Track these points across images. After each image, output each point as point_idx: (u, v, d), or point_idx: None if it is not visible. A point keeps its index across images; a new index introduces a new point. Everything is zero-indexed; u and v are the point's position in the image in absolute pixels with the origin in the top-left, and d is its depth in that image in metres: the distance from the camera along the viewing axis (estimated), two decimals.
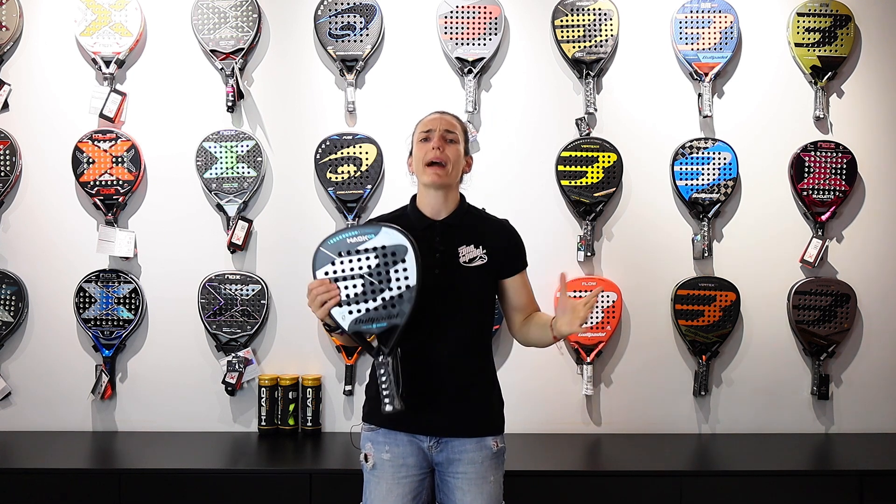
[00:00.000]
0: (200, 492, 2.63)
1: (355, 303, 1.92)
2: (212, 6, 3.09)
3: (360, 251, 1.91)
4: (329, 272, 1.92)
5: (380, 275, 1.91)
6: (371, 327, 1.92)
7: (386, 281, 1.91)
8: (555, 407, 3.12)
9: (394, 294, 1.91)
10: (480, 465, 2.05)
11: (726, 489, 2.67)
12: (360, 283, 1.91)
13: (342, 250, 1.92)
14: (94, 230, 3.10)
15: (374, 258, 1.91)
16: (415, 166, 2.15)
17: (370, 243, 1.91)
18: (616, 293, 3.10)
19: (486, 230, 2.15)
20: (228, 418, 3.12)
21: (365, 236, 1.92)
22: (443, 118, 2.16)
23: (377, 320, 1.92)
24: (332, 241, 1.93)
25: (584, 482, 2.67)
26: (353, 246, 1.92)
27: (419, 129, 2.17)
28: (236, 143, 3.08)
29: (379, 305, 1.91)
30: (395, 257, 1.91)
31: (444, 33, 3.11)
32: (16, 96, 3.11)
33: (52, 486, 2.63)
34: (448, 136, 2.12)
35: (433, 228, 2.09)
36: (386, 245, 1.91)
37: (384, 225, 1.93)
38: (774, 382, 3.15)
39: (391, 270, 1.90)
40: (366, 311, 1.92)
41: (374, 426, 2.11)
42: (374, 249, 1.91)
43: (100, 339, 3.06)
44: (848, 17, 3.14)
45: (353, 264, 1.91)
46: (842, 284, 3.13)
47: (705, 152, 3.11)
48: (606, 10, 3.12)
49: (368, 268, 1.91)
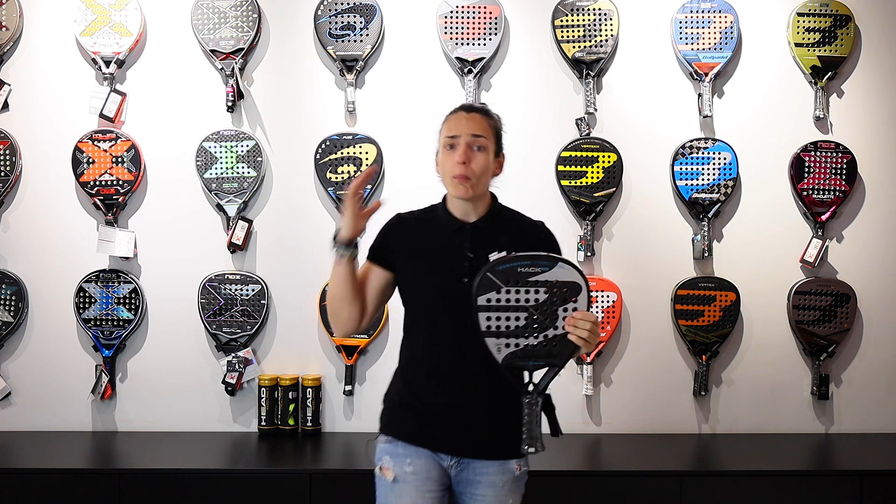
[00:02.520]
0: (200, 492, 2.63)
1: (515, 336, 1.80)
2: (212, 6, 3.09)
3: (529, 283, 1.79)
4: (492, 300, 1.80)
5: (547, 310, 1.79)
6: (527, 364, 1.82)
7: (553, 318, 1.79)
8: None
9: (559, 334, 1.80)
10: (501, 488, 1.97)
11: (726, 489, 2.67)
12: (524, 315, 1.80)
13: (511, 279, 1.79)
14: (94, 230, 3.10)
15: (543, 293, 1.79)
16: (441, 172, 2.02)
17: (542, 276, 1.79)
18: (616, 293, 3.10)
19: (520, 233, 2.03)
20: (228, 418, 3.12)
21: (538, 268, 1.79)
22: (470, 120, 1.98)
23: (535, 358, 1.81)
24: (500, 268, 1.80)
25: (584, 482, 2.67)
26: (523, 276, 1.79)
27: (445, 130, 2.01)
28: (236, 143, 3.08)
29: (540, 343, 1.80)
30: (566, 294, 1.79)
31: (444, 33, 3.11)
32: (16, 96, 3.11)
33: (52, 486, 2.63)
34: (475, 143, 1.96)
35: (463, 232, 1.98)
36: (559, 280, 1.79)
37: (561, 259, 1.80)
38: (774, 382, 3.15)
39: (559, 308, 1.79)
40: (525, 346, 1.81)
41: (392, 438, 2.00)
42: (545, 283, 1.79)
43: (100, 339, 3.06)
44: (848, 17, 3.14)
45: (521, 295, 1.79)
46: (842, 284, 3.12)
47: (705, 152, 3.11)
48: (606, 10, 3.12)
49: (536, 302, 1.79)
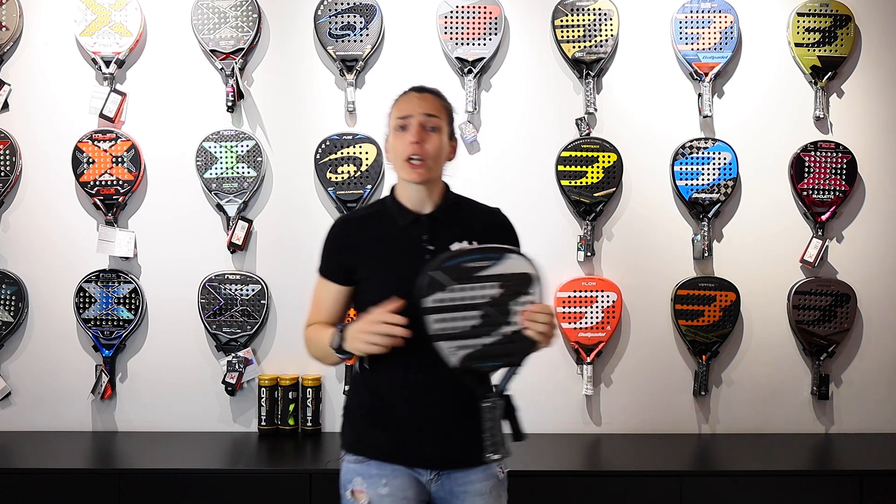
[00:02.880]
0: (200, 492, 2.63)
1: (469, 337, 1.67)
2: (212, 6, 3.09)
3: (479, 278, 1.67)
4: (441, 300, 1.67)
5: (501, 306, 1.67)
6: (484, 365, 1.70)
7: (507, 314, 1.67)
8: (555, 407, 3.12)
9: (514, 330, 1.68)
10: (489, 495, 1.85)
11: (726, 489, 2.67)
12: (477, 314, 1.67)
13: (459, 276, 1.67)
14: (94, 230, 3.09)
15: (496, 286, 1.67)
16: (392, 158, 1.89)
17: (492, 269, 1.67)
18: (616, 293, 3.10)
19: (477, 221, 1.92)
20: (228, 418, 3.12)
21: (487, 262, 1.67)
22: (422, 100, 1.87)
23: (493, 358, 1.69)
24: (447, 265, 1.68)
25: (584, 482, 2.67)
26: (471, 272, 1.67)
27: (395, 111, 1.88)
28: (236, 143, 3.08)
29: (496, 342, 1.68)
30: (520, 288, 1.67)
31: (444, 33, 3.11)
32: (16, 96, 3.11)
33: (52, 486, 2.63)
34: (429, 124, 1.85)
35: (419, 224, 1.86)
36: (511, 273, 1.68)
37: (509, 250, 1.70)
38: (774, 382, 3.15)
39: (513, 302, 1.67)
40: (481, 346, 1.68)
41: (362, 458, 1.85)
42: (496, 277, 1.67)
43: (100, 339, 3.06)
44: (848, 17, 3.14)
45: (471, 292, 1.67)
46: (842, 284, 3.13)
47: (705, 152, 3.11)
48: (606, 10, 3.12)
49: (489, 297, 1.67)
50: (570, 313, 3.08)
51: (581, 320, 3.08)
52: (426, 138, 1.84)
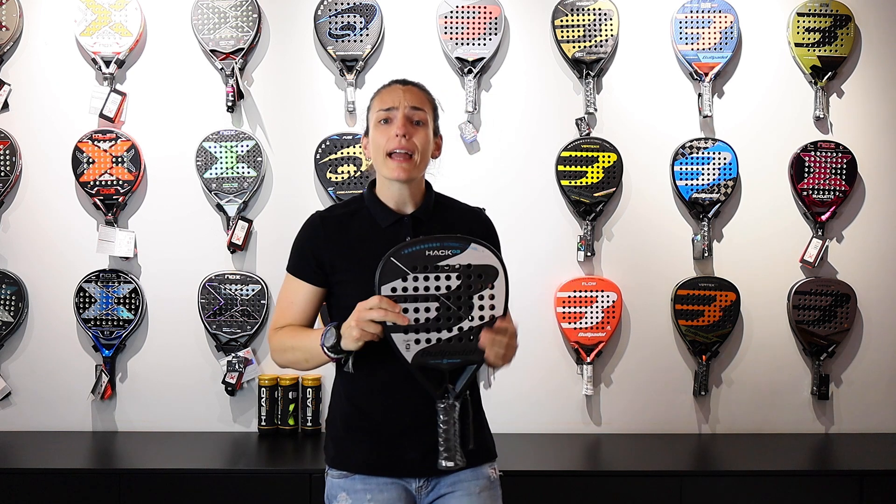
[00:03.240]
0: (200, 492, 2.63)
1: (425, 330, 1.58)
2: (212, 6, 3.09)
3: (439, 268, 1.57)
4: (398, 289, 1.57)
5: (460, 299, 1.58)
6: (441, 362, 1.59)
7: (466, 308, 1.58)
8: (555, 407, 3.12)
9: (474, 325, 1.58)
10: (478, 496, 1.75)
11: (726, 489, 2.67)
12: (434, 306, 1.57)
13: (418, 264, 1.57)
14: (94, 230, 3.09)
15: (455, 279, 1.58)
16: (372, 152, 1.78)
17: (453, 260, 1.58)
18: (616, 293, 3.10)
19: (460, 222, 1.83)
20: (228, 418, 3.12)
21: (448, 250, 1.58)
22: (407, 92, 1.77)
23: (449, 355, 1.59)
24: (406, 252, 1.58)
25: (584, 482, 2.67)
26: (431, 260, 1.58)
27: (376, 104, 1.78)
28: (236, 143, 3.08)
29: (454, 337, 1.58)
30: (482, 280, 1.58)
31: (444, 33, 3.11)
32: (16, 96, 3.11)
33: (52, 486, 2.63)
34: (415, 117, 1.74)
35: (401, 225, 1.76)
36: (473, 264, 1.58)
37: (473, 240, 1.60)
38: (774, 382, 3.15)
39: (475, 296, 1.58)
40: (437, 341, 1.58)
41: (345, 472, 1.76)
42: (457, 268, 1.58)
43: (100, 339, 3.06)
44: (848, 17, 3.14)
45: (430, 283, 1.57)
46: (842, 284, 3.13)
47: (705, 152, 3.11)
48: (606, 10, 3.12)
49: (448, 289, 1.57)
50: (570, 313, 3.08)
51: (581, 320, 3.07)
52: (413, 132, 1.73)
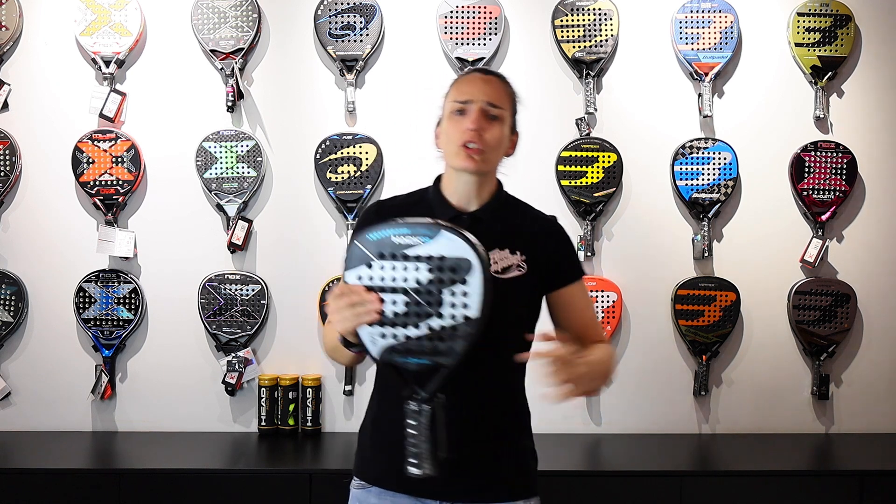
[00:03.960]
0: (200, 492, 2.63)
1: (392, 325, 1.41)
2: (212, 6, 3.09)
3: (408, 257, 1.40)
4: (363, 277, 1.42)
5: (430, 294, 1.39)
6: (407, 361, 1.43)
7: (437, 304, 1.39)
8: (555, 407, 3.10)
9: (445, 324, 1.40)
10: None
11: (726, 489, 2.67)
12: (402, 299, 1.40)
13: (385, 251, 1.41)
14: (94, 230, 3.09)
15: (425, 270, 1.39)
16: (443, 142, 1.65)
17: (423, 249, 1.39)
18: (616, 293, 3.10)
19: (528, 229, 1.69)
20: (228, 418, 3.12)
21: (417, 238, 1.40)
22: (486, 83, 1.64)
23: (418, 354, 1.42)
24: (372, 236, 1.42)
25: (584, 482, 2.67)
26: (399, 248, 1.40)
27: (453, 93, 1.66)
28: (236, 143, 3.08)
29: (423, 335, 1.41)
30: (455, 275, 1.38)
31: (444, 33, 3.11)
32: (16, 96, 3.11)
33: (52, 486, 2.63)
34: (491, 112, 1.62)
35: (459, 223, 1.53)
36: (444, 256, 1.39)
37: (445, 227, 1.40)
38: (774, 382, 3.15)
39: (446, 291, 1.39)
40: (405, 338, 1.42)
41: (365, 483, 1.66)
42: (427, 259, 1.39)
43: (100, 339, 3.06)
44: (848, 17, 3.14)
45: (397, 273, 1.40)
46: (842, 284, 3.12)
47: (705, 152, 3.11)
48: (606, 10, 3.12)
49: (417, 282, 1.39)
50: None
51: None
52: (486, 126, 1.61)
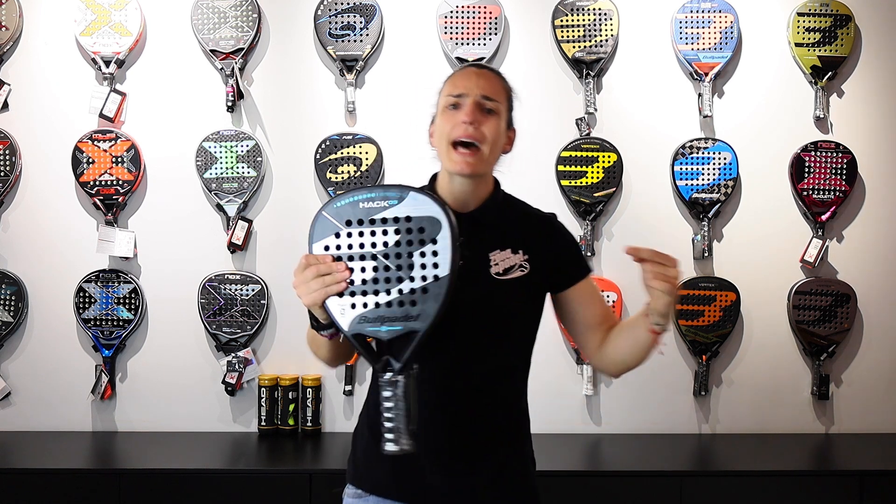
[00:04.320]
0: (200, 492, 2.63)
1: (362, 294, 1.39)
2: (212, 6, 3.09)
3: (375, 221, 1.38)
4: (331, 247, 1.40)
5: (399, 257, 1.38)
6: (379, 329, 1.40)
7: (407, 267, 1.38)
8: (555, 407, 3.12)
9: (416, 287, 1.38)
10: None
11: (726, 489, 2.67)
12: (370, 265, 1.38)
13: (352, 218, 1.39)
14: (94, 230, 3.09)
15: (393, 233, 1.38)
16: (437, 141, 1.59)
17: (391, 212, 1.38)
18: (616, 293, 3.10)
19: (528, 229, 1.65)
20: (228, 418, 3.12)
21: (384, 201, 1.38)
22: (481, 77, 1.58)
23: (389, 321, 1.39)
24: (338, 205, 1.40)
25: (584, 482, 2.67)
26: (367, 213, 1.39)
27: (447, 88, 1.60)
28: (236, 143, 3.08)
29: (394, 300, 1.38)
30: (423, 235, 1.38)
31: (444, 33, 3.11)
32: (16, 96, 3.11)
33: (52, 486, 2.63)
34: (486, 106, 1.55)
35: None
36: (412, 216, 1.38)
37: (412, 189, 1.40)
38: (774, 382, 3.15)
39: (416, 253, 1.37)
40: (375, 305, 1.39)
41: (361, 491, 1.61)
42: (394, 221, 1.38)
43: (100, 339, 3.06)
44: (848, 17, 3.14)
45: (365, 239, 1.39)
46: (842, 284, 3.12)
47: (705, 152, 3.11)
48: (606, 10, 3.12)
49: (385, 245, 1.38)
50: None
51: None
52: (482, 120, 1.54)
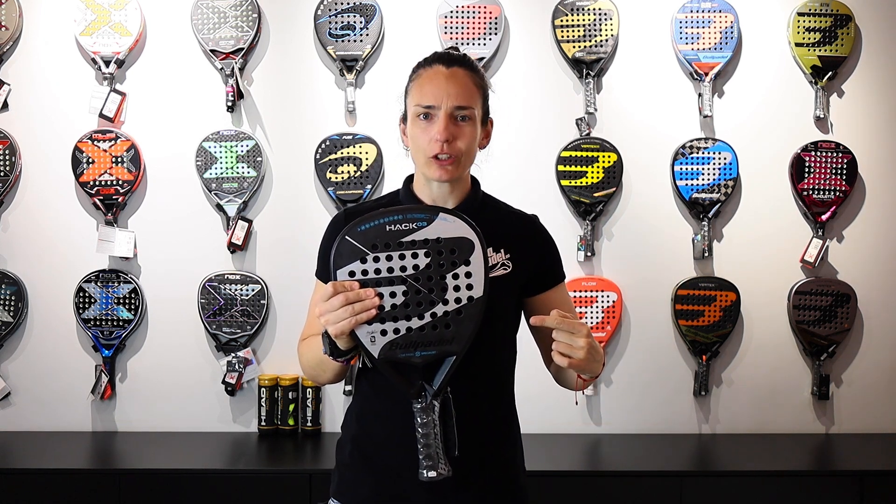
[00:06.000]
0: (200, 492, 2.63)
1: (392, 319, 1.33)
2: (212, 6, 3.09)
3: (404, 244, 1.33)
4: (357, 272, 1.32)
5: (431, 280, 1.34)
6: (413, 355, 1.35)
7: (440, 290, 1.34)
8: (555, 407, 3.11)
9: (450, 309, 1.34)
10: None
11: (726, 489, 2.67)
12: (401, 290, 1.33)
13: (378, 242, 1.33)
14: (93, 230, 3.09)
15: (423, 256, 1.33)
16: (413, 152, 1.56)
17: (420, 234, 1.33)
18: (616, 293, 3.10)
19: (509, 228, 1.62)
20: (228, 418, 3.12)
21: (412, 223, 1.33)
22: (451, 82, 1.53)
23: (423, 346, 1.35)
24: (362, 228, 1.33)
25: (584, 482, 2.67)
26: (394, 236, 1.33)
27: (415, 93, 1.55)
28: (236, 143, 3.08)
29: (427, 325, 1.34)
30: (455, 256, 1.34)
31: (444, 33, 3.11)
32: (16, 96, 3.11)
33: (52, 486, 2.63)
34: (459, 114, 1.52)
35: None
36: (443, 238, 1.34)
37: (440, 209, 1.36)
38: (774, 382, 3.15)
39: (448, 275, 1.34)
40: (406, 330, 1.34)
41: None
42: (424, 243, 1.33)
43: (99, 339, 3.06)
44: (848, 16, 3.14)
45: (394, 262, 1.33)
46: (842, 284, 3.12)
47: (705, 152, 3.10)
48: (606, 9, 3.12)
49: (415, 269, 1.33)
50: None
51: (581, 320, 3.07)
52: (457, 133, 1.51)
